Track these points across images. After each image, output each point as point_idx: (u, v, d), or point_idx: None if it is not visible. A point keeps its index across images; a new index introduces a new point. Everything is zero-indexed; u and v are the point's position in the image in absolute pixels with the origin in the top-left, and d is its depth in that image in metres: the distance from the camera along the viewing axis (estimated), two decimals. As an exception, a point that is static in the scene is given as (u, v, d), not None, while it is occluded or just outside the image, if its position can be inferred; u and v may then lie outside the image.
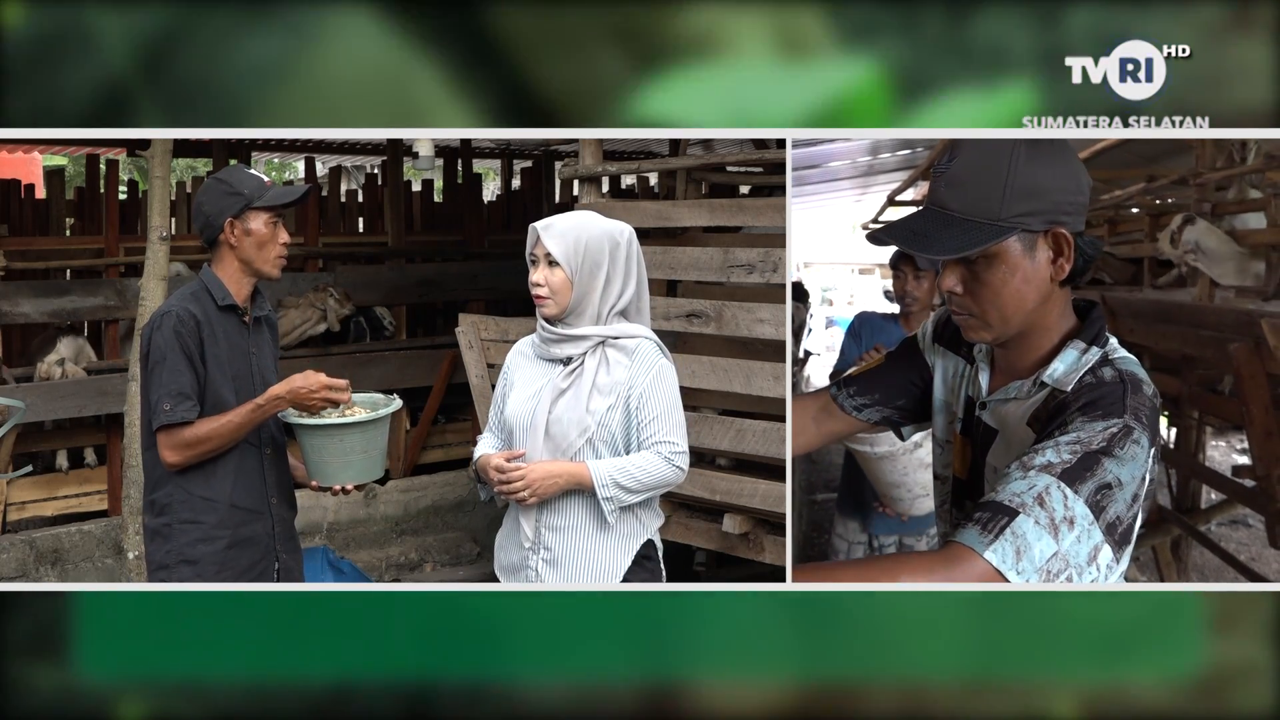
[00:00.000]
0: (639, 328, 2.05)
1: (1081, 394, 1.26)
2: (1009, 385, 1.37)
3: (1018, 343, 1.35)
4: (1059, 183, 1.28)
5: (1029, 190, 1.26)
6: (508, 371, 2.14)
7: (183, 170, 10.97)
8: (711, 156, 4.07)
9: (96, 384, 4.81)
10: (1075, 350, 1.31)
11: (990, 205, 1.25)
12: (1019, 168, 1.26)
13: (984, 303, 1.30)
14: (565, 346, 2.02)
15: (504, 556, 2.10)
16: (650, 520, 2.06)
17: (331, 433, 2.12)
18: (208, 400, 2.17)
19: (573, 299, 2.00)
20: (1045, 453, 1.20)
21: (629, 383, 1.98)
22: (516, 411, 2.05)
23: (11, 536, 4.72)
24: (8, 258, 4.85)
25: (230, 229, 2.21)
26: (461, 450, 5.88)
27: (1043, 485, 1.18)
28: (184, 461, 2.15)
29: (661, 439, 1.96)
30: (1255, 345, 3.42)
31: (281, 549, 2.30)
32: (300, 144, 7.38)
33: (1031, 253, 1.28)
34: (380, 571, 5.16)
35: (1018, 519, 1.16)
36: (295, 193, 2.24)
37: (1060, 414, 1.25)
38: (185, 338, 2.14)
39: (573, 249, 1.99)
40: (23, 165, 8.94)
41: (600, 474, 1.94)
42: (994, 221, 1.26)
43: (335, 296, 5.39)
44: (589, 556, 2.00)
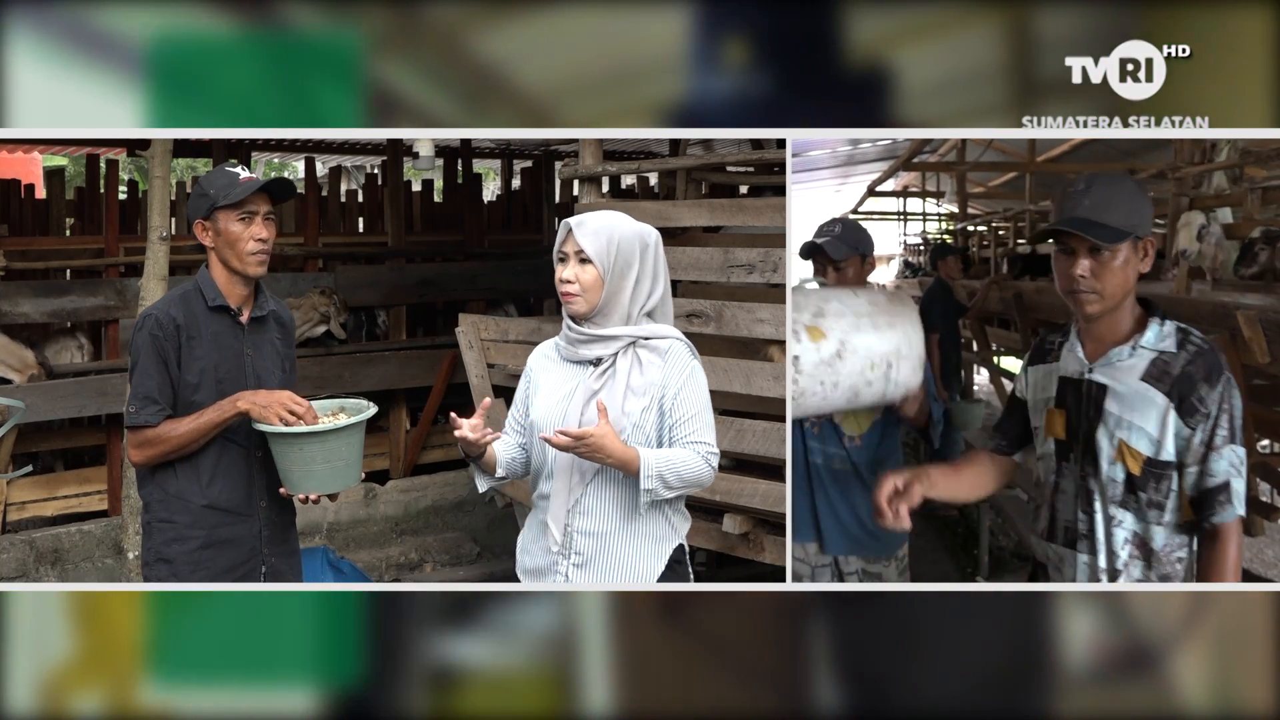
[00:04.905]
0: (668, 328, 2.03)
1: (1195, 360, 1.83)
2: (1109, 352, 1.90)
3: (1109, 319, 1.89)
4: (1149, 207, 1.90)
5: (1140, 210, 1.85)
6: (530, 374, 2.10)
7: (183, 170, 10.97)
8: (711, 156, 4.08)
9: (96, 384, 4.82)
10: (1155, 324, 1.88)
11: (1121, 216, 1.82)
12: (1136, 195, 1.86)
13: (1105, 282, 1.84)
14: (595, 347, 1.99)
15: (528, 560, 2.06)
16: (680, 524, 2.03)
17: (291, 441, 2.11)
18: (181, 403, 2.19)
19: (603, 297, 1.96)
20: (1220, 434, 1.81)
21: (662, 383, 1.96)
22: (546, 414, 2.01)
23: (11, 536, 4.72)
24: (8, 258, 4.85)
25: (203, 231, 2.23)
26: (461, 450, 5.87)
27: (1230, 455, 1.81)
28: (146, 461, 2.20)
29: (697, 439, 1.94)
30: (1231, 337, 3.44)
31: (270, 552, 2.30)
32: (300, 144, 7.38)
33: (1135, 251, 1.84)
34: (380, 571, 5.16)
35: (1234, 482, 1.80)
36: (252, 186, 2.20)
37: (1182, 378, 1.82)
38: (161, 341, 2.17)
39: (605, 247, 1.96)
40: (23, 165, 8.94)
41: (649, 464, 1.89)
42: (1124, 228, 1.81)
43: (335, 304, 5.40)
44: (621, 561, 1.97)
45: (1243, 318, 3.35)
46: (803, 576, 3.05)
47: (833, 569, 2.98)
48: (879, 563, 2.92)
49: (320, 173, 7.21)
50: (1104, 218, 1.82)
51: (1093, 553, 1.88)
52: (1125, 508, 1.86)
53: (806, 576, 3.01)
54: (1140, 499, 1.84)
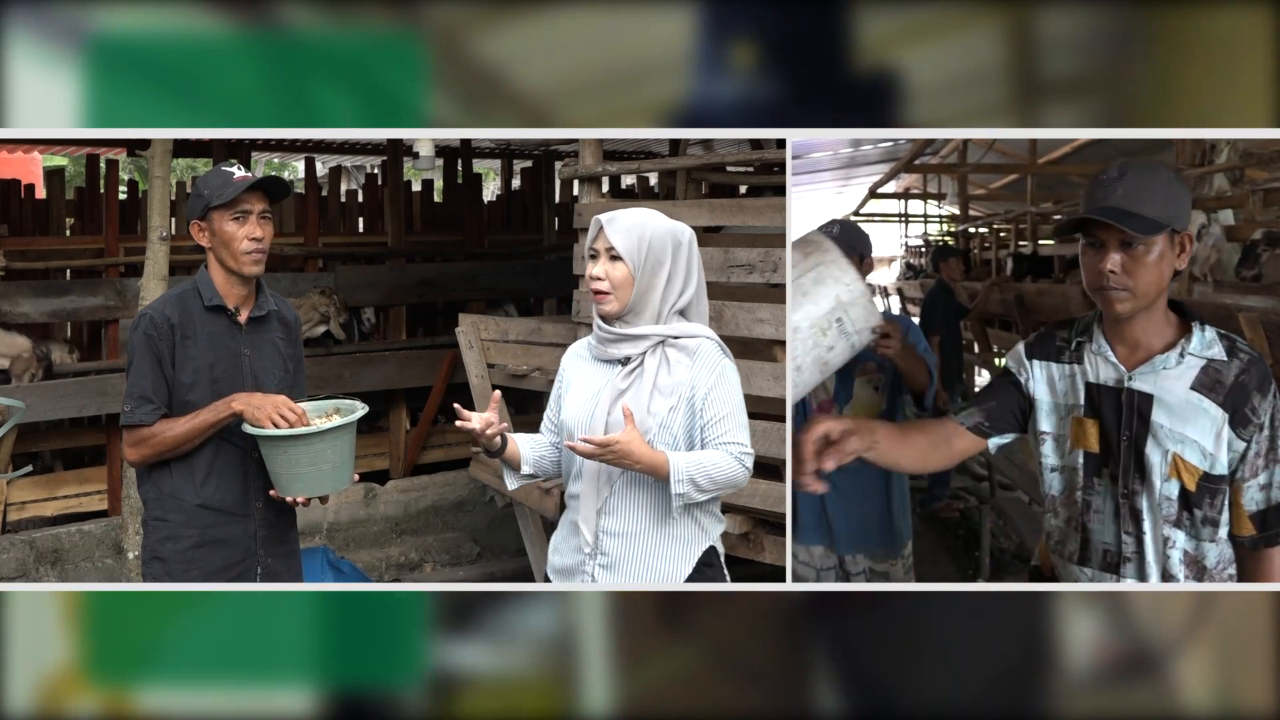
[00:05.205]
0: (699, 327, 2.00)
1: (1249, 370, 1.71)
2: (1154, 359, 1.76)
3: (1143, 320, 1.75)
4: (1187, 198, 1.75)
5: (1178, 200, 1.71)
6: (563, 373, 2.10)
7: (183, 170, 10.96)
8: (711, 156, 4.07)
9: (96, 384, 4.82)
10: (1198, 330, 1.75)
11: (1157, 207, 1.68)
12: (1174, 184, 1.72)
13: (1138, 278, 1.69)
14: (623, 346, 1.97)
15: (559, 559, 2.05)
16: (712, 526, 2.00)
17: (277, 444, 2.12)
18: (175, 402, 2.20)
19: (634, 296, 1.94)
20: (1278, 441, 1.71)
21: (691, 383, 1.93)
22: (574, 414, 2.00)
23: (11, 536, 4.72)
24: (8, 258, 4.85)
25: (198, 231, 2.24)
26: (461, 450, 5.87)
27: None
28: (141, 460, 2.21)
29: (730, 439, 1.91)
30: (1232, 340, 3.42)
31: (266, 552, 2.30)
32: (300, 144, 7.38)
33: (1171, 246, 1.70)
34: (380, 571, 5.16)
35: None
36: (242, 185, 2.20)
37: (1236, 388, 1.71)
38: (155, 340, 2.18)
39: (636, 245, 1.94)
40: (23, 165, 8.94)
41: (678, 468, 1.86)
42: (1160, 219, 1.67)
43: (335, 304, 5.40)
44: (648, 562, 1.95)
45: (1244, 320, 3.34)
46: (808, 580, 3.04)
47: (838, 571, 2.97)
48: (886, 562, 2.92)
49: (320, 173, 7.21)
50: (1138, 208, 1.67)
51: (1142, 576, 1.76)
52: (1179, 526, 1.74)
53: (812, 580, 3.00)
54: (1196, 516, 1.73)
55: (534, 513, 4.10)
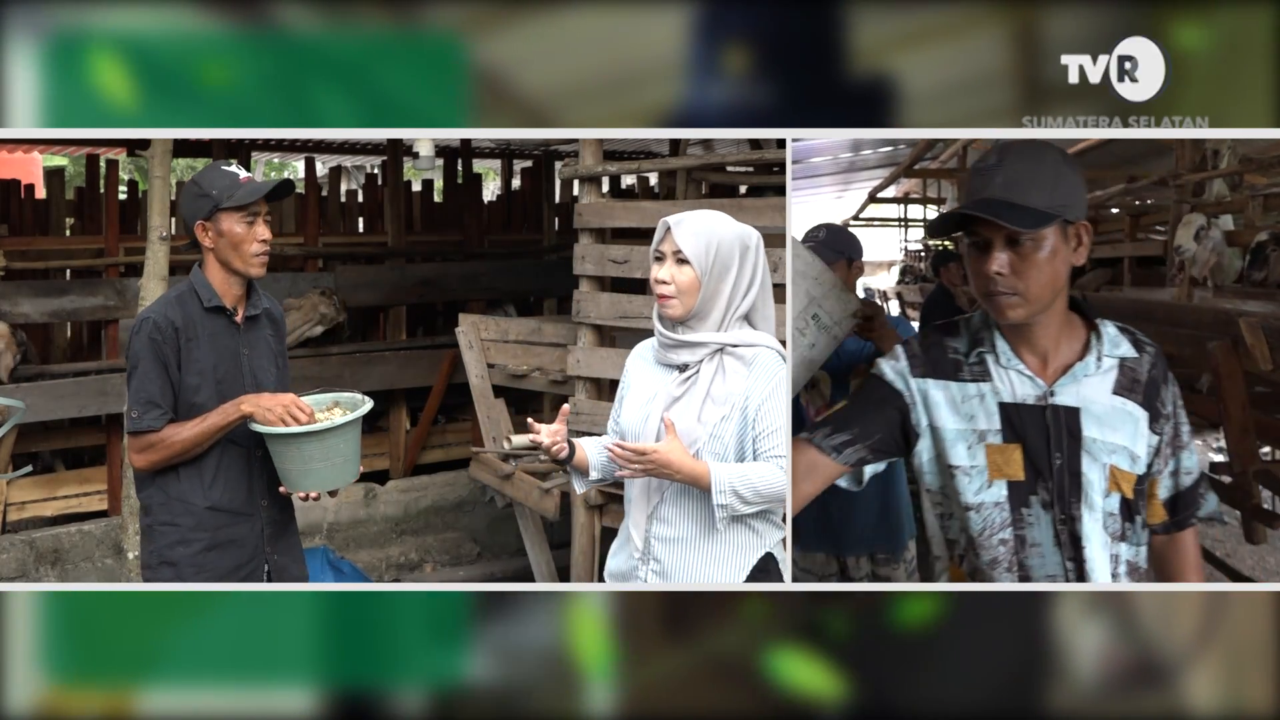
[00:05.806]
0: (760, 335, 1.97)
1: (1156, 363, 1.61)
2: (1074, 368, 1.59)
3: (1045, 325, 1.58)
4: (1080, 183, 1.55)
5: (1070, 186, 1.52)
6: (627, 374, 2.08)
7: (183, 170, 10.97)
8: (711, 156, 4.07)
9: (96, 384, 4.82)
10: (1103, 327, 1.62)
11: (1043, 196, 1.49)
12: (1061, 168, 1.52)
13: (1028, 280, 1.51)
14: (682, 353, 1.95)
15: (614, 563, 2.04)
16: (769, 532, 1.96)
17: (289, 441, 2.12)
18: (182, 405, 2.19)
19: (699, 301, 1.91)
20: (1183, 429, 1.64)
21: (745, 393, 1.90)
22: (631, 418, 1.99)
23: (11, 536, 4.72)
24: (8, 258, 4.85)
25: (203, 232, 2.21)
26: (461, 450, 5.87)
27: (1193, 447, 1.67)
28: (150, 465, 2.19)
29: (781, 453, 1.87)
30: (1233, 344, 3.42)
31: (273, 550, 2.30)
32: (300, 144, 7.38)
33: (1065, 239, 1.53)
34: (380, 571, 5.16)
35: (1203, 478, 1.67)
36: (262, 189, 2.19)
37: (1149, 383, 1.61)
38: (160, 345, 2.16)
39: (705, 249, 1.90)
40: (23, 165, 8.94)
41: (720, 479, 1.84)
42: (1047, 209, 1.49)
43: (334, 305, 5.40)
44: (700, 568, 1.93)
45: (1245, 324, 3.34)
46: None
47: (839, 576, 2.97)
48: (888, 565, 2.92)
49: (320, 173, 7.21)
50: (1022, 198, 1.48)
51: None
52: (1124, 539, 1.62)
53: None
54: (1136, 522, 1.63)
55: (534, 513, 4.10)
